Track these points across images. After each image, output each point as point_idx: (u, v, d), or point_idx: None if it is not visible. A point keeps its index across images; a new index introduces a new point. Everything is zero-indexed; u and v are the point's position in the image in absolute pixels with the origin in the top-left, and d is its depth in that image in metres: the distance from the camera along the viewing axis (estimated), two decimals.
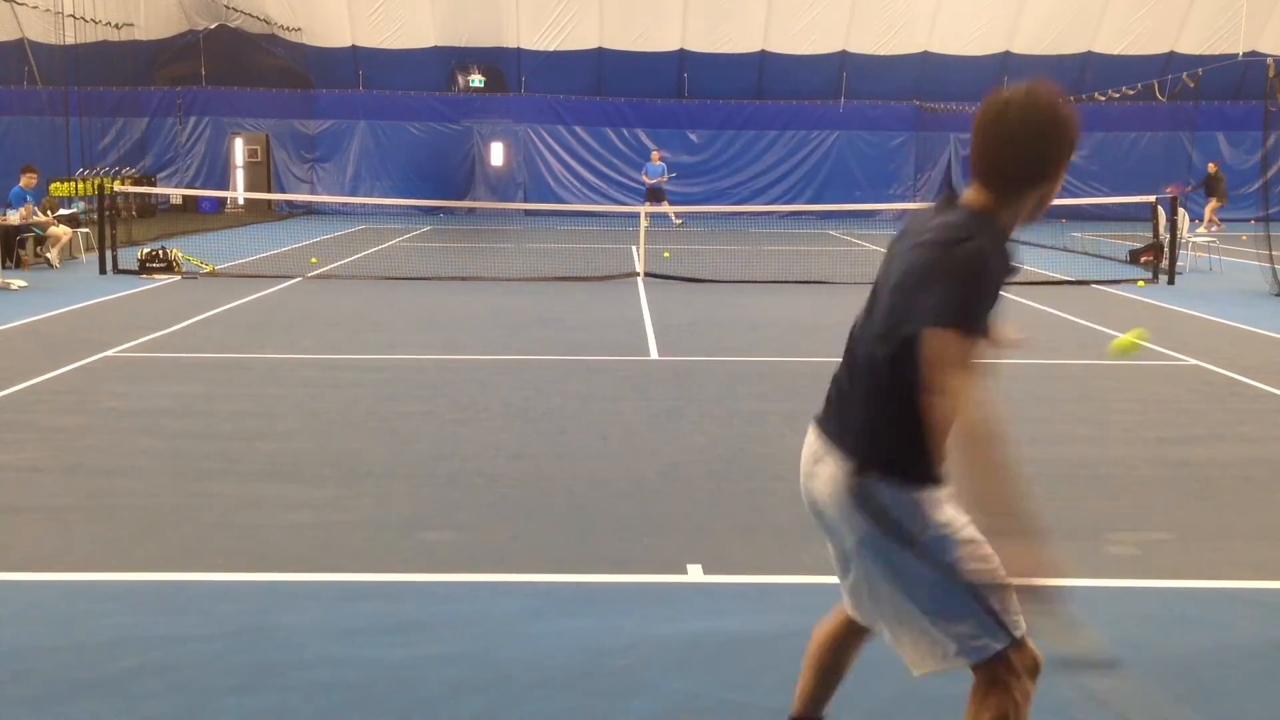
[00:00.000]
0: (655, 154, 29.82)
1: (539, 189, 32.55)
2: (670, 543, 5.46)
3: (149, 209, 28.38)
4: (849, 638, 3.25)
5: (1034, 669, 2.90)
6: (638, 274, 16.93)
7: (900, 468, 2.85)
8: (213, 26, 32.75)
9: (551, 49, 32.58)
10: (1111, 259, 20.18)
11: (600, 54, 32.74)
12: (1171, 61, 32.31)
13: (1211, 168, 27.45)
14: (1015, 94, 2.76)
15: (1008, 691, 2.87)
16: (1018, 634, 2.86)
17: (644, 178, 29.48)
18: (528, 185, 32.72)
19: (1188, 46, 32.72)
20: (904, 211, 32.47)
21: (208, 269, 17.09)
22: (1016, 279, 2.98)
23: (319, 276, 16.93)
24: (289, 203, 32.08)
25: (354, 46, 32.66)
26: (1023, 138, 2.71)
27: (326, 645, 4.27)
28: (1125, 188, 29.51)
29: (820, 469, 2.96)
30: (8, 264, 16.83)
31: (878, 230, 29.14)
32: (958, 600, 2.84)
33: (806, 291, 15.66)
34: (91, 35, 27.67)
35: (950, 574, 2.83)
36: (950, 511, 2.88)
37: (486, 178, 33.06)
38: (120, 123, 30.27)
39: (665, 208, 27.01)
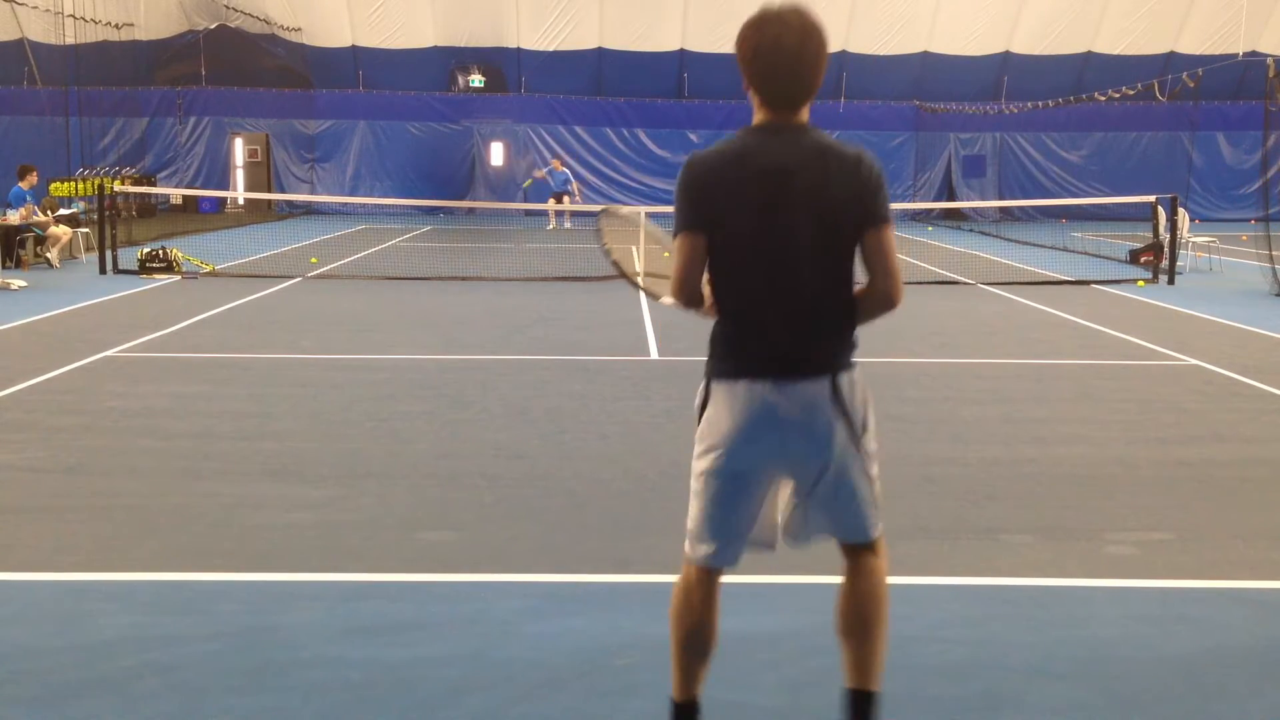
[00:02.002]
0: (557, 162, 29.19)
1: (539, 189, 32.53)
2: (670, 543, 5.43)
3: (149, 209, 28.40)
4: (715, 598, 3.37)
5: None
6: (638, 274, 16.90)
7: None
8: (213, 26, 32.76)
9: (551, 49, 32.57)
10: (1111, 259, 20.19)
11: (600, 54, 32.74)
12: (1171, 61, 32.31)
13: None
14: None
15: None
16: None
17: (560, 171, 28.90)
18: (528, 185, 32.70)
19: (1188, 46, 32.73)
20: (903, 211, 32.62)
21: (208, 269, 17.09)
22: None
23: (319, 276, 16.93)
24: (289, 203, 32.08)
25: (354, 46, 32.66)
26: None
27: (326, 645, 4.27)
28: (1125, 188, 29.52)
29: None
30: (8, 264, 16.83)
31: None
32: None
33: None
34: (91, 35, 27.66)
35: None
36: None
37: (486, 178, 33.05)
38: (120, 123, 30.26)
39: (556, 205, 27.02)
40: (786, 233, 3.04)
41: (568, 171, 28.72)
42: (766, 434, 3.12)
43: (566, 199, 27.63)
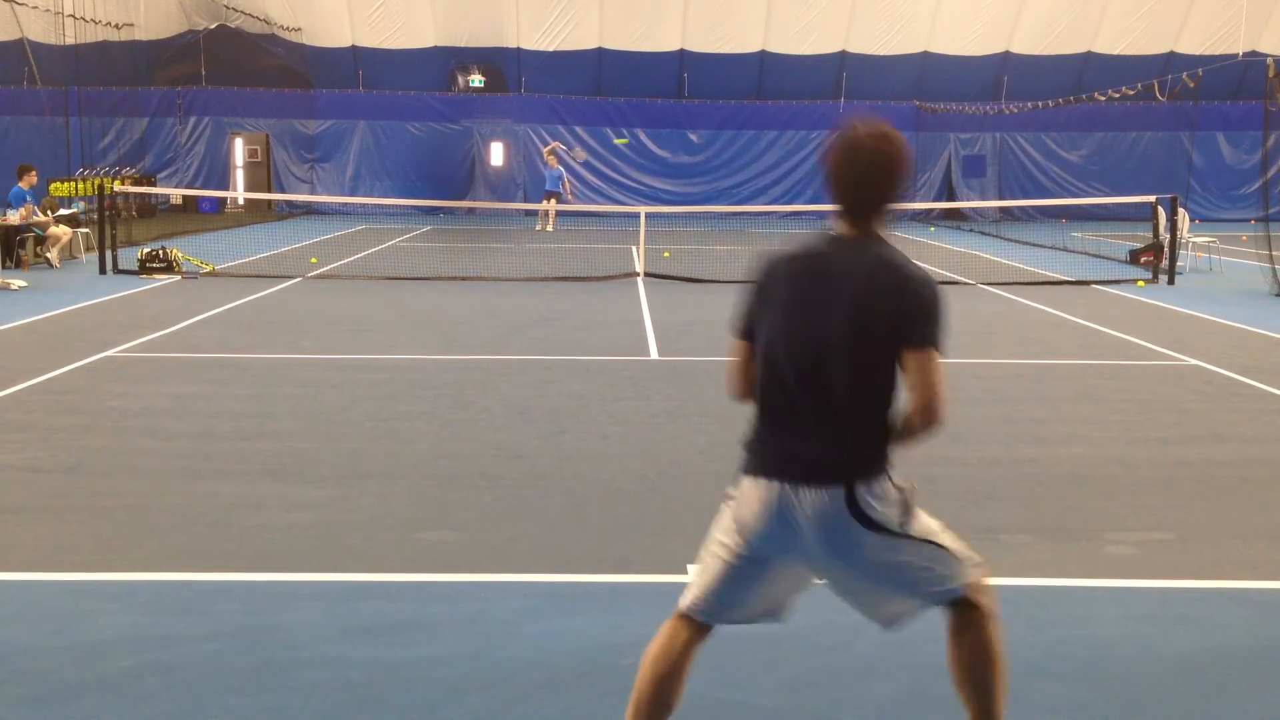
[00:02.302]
0: (552, 158, 28.19)
1: (539, 189, 32.52)
2: (670, 543, 5.46)
3: (149, 209, 28.39)
4: (691, 656, 3.30)
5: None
6: (638, 274, 16.92)
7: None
8: (213, 26, 32.75)
9: (551, 49, 32.57)
10: (1111, 259, 20.19)
11: (600, 54, 32.73)
12: (1171, 61, 32.30)
13: None
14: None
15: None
16: None
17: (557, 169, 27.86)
18: (527, 185, 32.70)
19: (1188, 46, 32.72)
20: (903, 211, 32.58)
21: (208, 269, 17.09)
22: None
23: (319, 276, 16.93)
24: (289, 203, 32.07)
25: (354, 46, 32.65)
26: None
27: (326, 645, 4.27)
28: (1125, 188, 29.52)
29: None
30: (8, 264, 16.83)
31: None
32: None
33: None
34: (91, 35, 27.65)
35: None
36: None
37: (486, 178, 33.05)
38: (120, 123, 30.25)
39: (547, 205, 26.34)
40: (819, 336, 3.06)
41: (561, 170, 28.03)
42: (782, 533, 3.11)
43: (556, 199, 26.78)
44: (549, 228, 27.14)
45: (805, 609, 4.71)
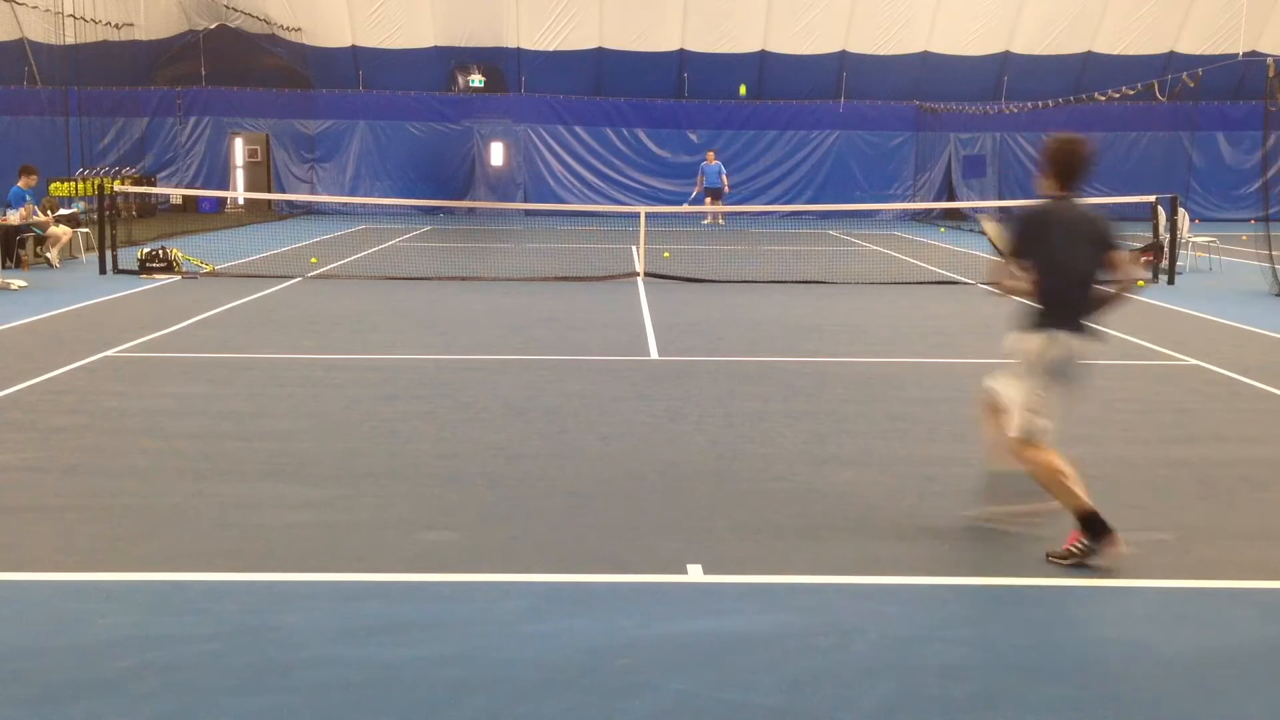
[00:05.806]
0: (710, 154, 30.15)
1: (539, 189, 32.54)
2: (670, 543, 5.46)
3: (149, 209, 28.39)
4: None
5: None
6: (638, 274, 16.92)
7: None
8: (213, 26, 32.75)
9: (551, 49, 32.57)
10: None
11: (600, 54, 32.74)
12: (1171, 61, 32.30)
13: None
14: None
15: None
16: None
17: (702, 180, 29.38)
18: (528, 185, 32.71)
19: (1188, 46, 32.72)
20: (903, 212, 32.63)
21: (208, 269, 17.10)
22: None
23: (319, 276, 16.93)
24: (289, 203, 32.08)
25: (354, 46, 32.66)
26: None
27: (326, 645, 4.27)
28: (1125, 188, 29.49)
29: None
30: (8, 264, 16.83)
31: (877, 230, 29.13)
32: None
33: (806, 291, 15.66)
34: (91, 35, 27.65)
35: None
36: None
37: (486, 178, 33.05)
38: (120, 123, 30.24)
39: (715, 207, 28.21)
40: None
41: (720, 164, 29.50)
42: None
43: (719, 198, 28.71)
44: (721, 220, 29.82)
45: (805, 609, 4.72)
